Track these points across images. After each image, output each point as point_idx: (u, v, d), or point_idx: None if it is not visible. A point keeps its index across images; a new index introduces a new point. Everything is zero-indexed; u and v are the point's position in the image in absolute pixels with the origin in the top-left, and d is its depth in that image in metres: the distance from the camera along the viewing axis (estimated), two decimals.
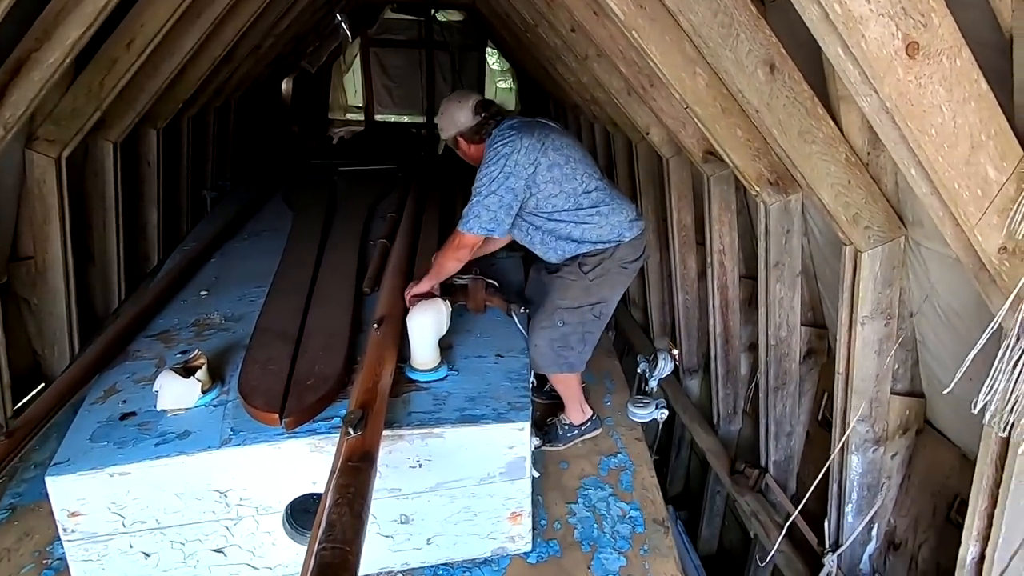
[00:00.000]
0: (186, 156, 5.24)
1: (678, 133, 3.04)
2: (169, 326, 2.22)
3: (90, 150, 3.91)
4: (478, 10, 6.66)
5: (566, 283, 2.19)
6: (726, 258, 3.39)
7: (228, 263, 2.83)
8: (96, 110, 3.28)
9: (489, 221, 2.04)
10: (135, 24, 3.09)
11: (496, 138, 2.11)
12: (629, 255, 2.24)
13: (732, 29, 1.64)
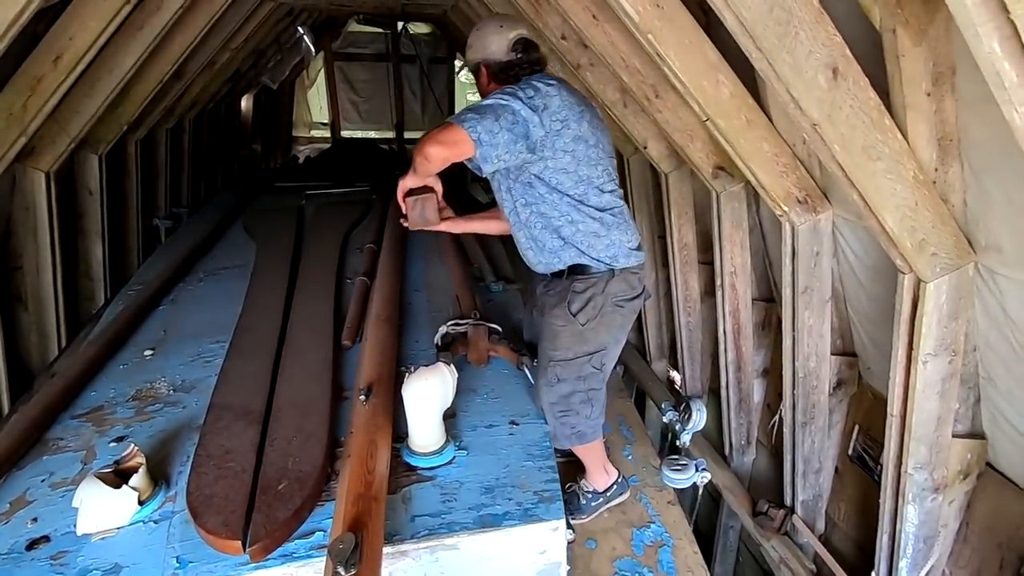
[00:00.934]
0: (135, 183, 4.76)
1: (686, 147, 2.77)
2: (103, 399, 1.81)
3: (18, 181, 3.43)
4: (449, 21, 6.36)
5: (554, 330, 1.79)
6: (738, 280, 3.13)
7: (179, 312, 2.41)
8: (20, 135, 2.84)
9: (486, 131, 1.57)
10: (62, 37, 2.67)
11: (534, 77, 1.73)
12: (624, 291, 1.83)
13: (790, 27, 1.36)
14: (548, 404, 1.79)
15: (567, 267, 1.78)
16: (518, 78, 1.74)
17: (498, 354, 1.97)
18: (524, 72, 1.76)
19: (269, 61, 7.02)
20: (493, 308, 2.45)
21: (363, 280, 2.46)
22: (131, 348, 2.14)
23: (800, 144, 2.21)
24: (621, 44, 2.54)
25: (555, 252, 1.79)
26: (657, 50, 1.96)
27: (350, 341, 2.02)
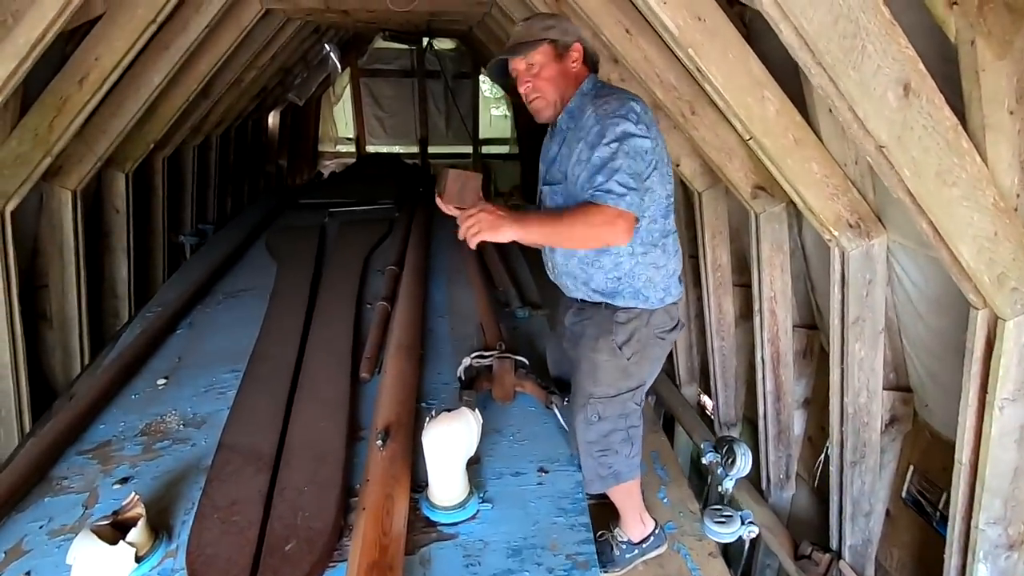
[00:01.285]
0: (161, 200, 4.78)
1: (723, 166, 2.62)
2: (112, 434, 1.73)
3: (45, 200, 3.45)
4: (474, 37, 6.33)
5: (595, 363, 1.63)
6: (777, 305, 2.95)
7: (196, 337, 2.34)
8: (46, 155, 2.83)
9: (642, 200, 1.46)
10: (88, 58, 2.66)
11: (601, 88, 1.58)
12: (666, 322, 1.69)
13: (857, 40, 1.21)
14: (586, 444, 1.65)
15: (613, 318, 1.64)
16: (595, 70, 1.65)
17: (525, 390, 1.84)
18: (594, 67, 1.67)
19: (296, 78, 7.08)
20: (519, 336, 2.32)
21: (383, 305, 2.36)
22: (145, 375, 2.07)
23: (852, 164, 2.05)
24: (656, 59, 2.42)
25: (607, 293, 1.63)
26: (698, 65, 1.83)
27: (368, 374, 1.91)
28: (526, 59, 1.56)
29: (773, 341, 3.02)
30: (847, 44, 1.21)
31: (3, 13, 2.02)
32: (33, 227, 3.53)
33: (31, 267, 3.62)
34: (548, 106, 1.61)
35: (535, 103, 1.61)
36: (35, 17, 2.02)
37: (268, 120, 7.67)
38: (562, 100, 1.60)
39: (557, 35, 1.58)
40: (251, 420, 1.62)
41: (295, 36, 5.13)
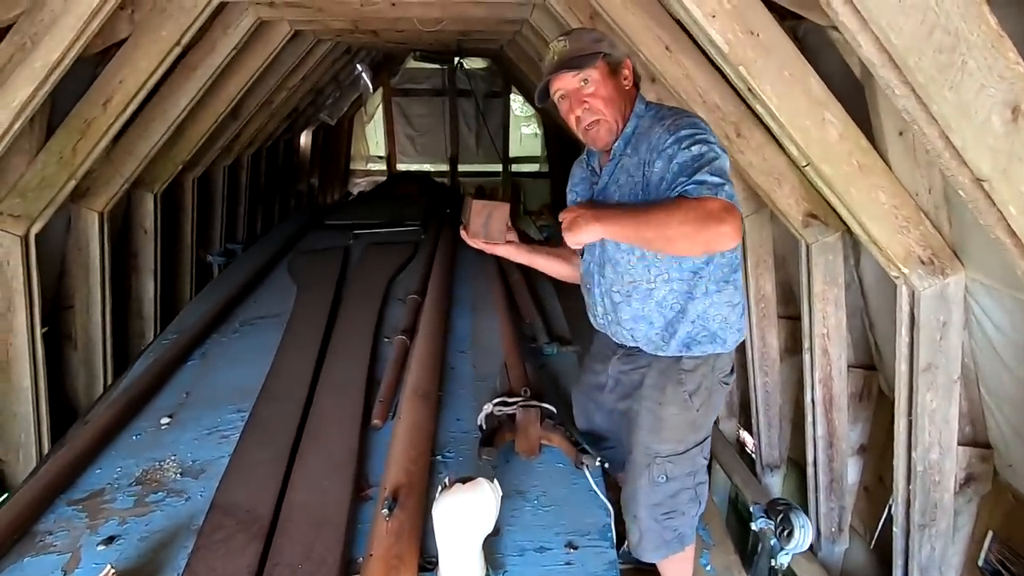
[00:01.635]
0: (190, 220, 4.79)
1: (771, 192, 2.41)
2: (106, 481, 1.61)
3: (73, 221, 3.45)
4: (504, 56, 6.26)
5: (661, 418, 1.44)
6: (830, 343, 2.69)
7: (207, 369, 2.24)
8: (70, 178, 2.81)
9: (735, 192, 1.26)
10: (112, 81, 2.63)
11: (657, 107, 1.43)
12: (727, 364, 1.51)
13: (956, 55, 1.02)
14: (649, 507, 1.46)
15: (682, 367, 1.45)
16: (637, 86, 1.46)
17: (552, 443, 1.65)
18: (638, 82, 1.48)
19: (328, 98, 7.12)
20: (546, 376, 2.14)
21: (402, 340, 2.22)
22: (150, 413, 1.96)
23: (924, 193, 1.82)
24: (698, 78, 2.24)
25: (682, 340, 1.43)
26: (749, 84, 1.65)
27: (381, 420, 1.76)
28: (582, 73, 1.35)
29: (825, 382, 2.75)
30: (943, 60, 1.01)
31: (22, 37, 1.98)
32: (61, 248, 3.53)
33: (58, 288, 3.63)
34: (609, 130, 1.40)
35: (594, 129, 1.40)
36: (53, 41, 1.98)
37: (300, 139, 7.74)
38: (621, 122, 1.41)
39: (608, 48, 1.38)
40: (249, 475, 1.48)
41: (326, 57, 5.13)
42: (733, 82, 1.79)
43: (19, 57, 2.00)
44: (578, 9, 2.69)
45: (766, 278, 3.23)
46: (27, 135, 2.69)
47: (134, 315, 4.28)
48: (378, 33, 4.32)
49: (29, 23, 1.95)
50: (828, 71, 1.74)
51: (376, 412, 1.77)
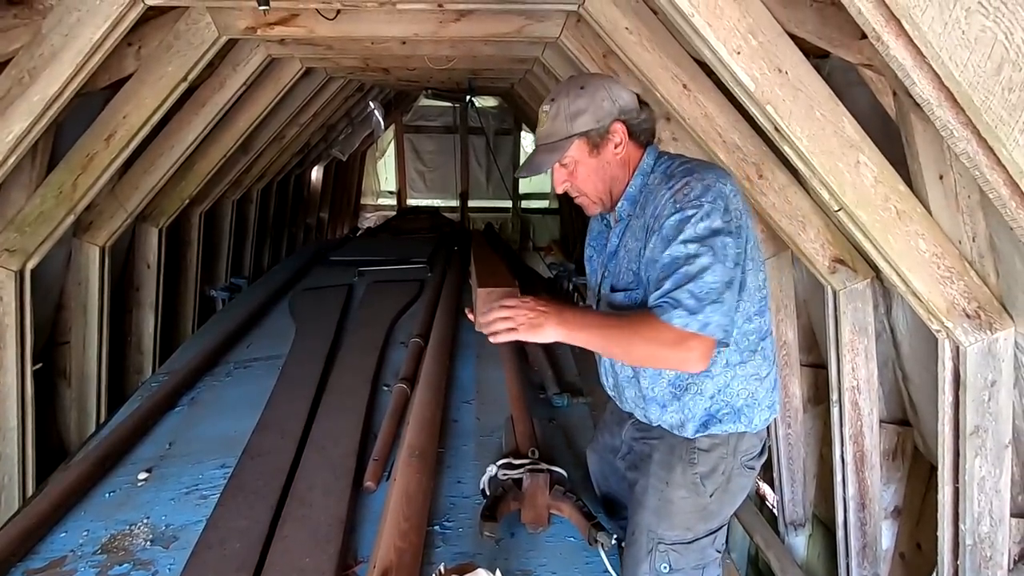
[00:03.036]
0: (196, 254, 4.74)
1: (795, 236, 2.29)
2: (70, 547, 1.46)
3: (73, 255, 3.38)
4: (515, 94, 6.29)
5: (668, 500, 1.29)
6: (861, 397, 2.51)
7: (194, 418, 2.11)
8: (69, 213, 2.74)
9: (729, 317, 1.14)
10: (116, 116, 2.59)
11: (669, 162, 1.26)
12: (755, 446, 1.33)
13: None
14: None
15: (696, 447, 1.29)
16: (649, 141, 1.30)
17: (562, 513, 1.48)
18: (646, 137, 1.30)
19: (340, 134, 7.17)
20: (556, 431, 1.98)
21: (402, 388, 2.07)
22: (129, 465, 1.82)
23: (968, 241, 1.68)
24: (717, 117, 2.15)
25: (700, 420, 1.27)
26: (776, 124, 1.54)
27: (374, 482, 1.60)
28: (557, 157, 1.26)
29: (856, 438, 2.57)
30: (1014, 99, 0.89)
31: (20, 71, 1.94)
32: (59, 282, 3.46)
33: (54, 323, 3.55)
34: (595, 203, 1.32)
35: (579, 201, 1.33)
36: (51, 75, 1.93)
37: (311, 174, 7.77)
38: (612, 192, 1.31)
39: (589, 123, 1.24)
40: (221, 551, 1.32)
41: (338, 93, 5.15)
42: (757, 121, 1.69)
43: (16, 91, 1.94)
44: (591, 48, 2.64)
45: (788, 324, 3.07)
46: (27, 169, 2.64)
47: (133, 350, 4.18)
48: (389, 71, 4.33)
49: (28, 57, 1.90)
50: (855, 111, 1.64)
51: (369, 473, 1.62)
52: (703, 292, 1.11)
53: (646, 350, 1.16)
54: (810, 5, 1.53)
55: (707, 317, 1.11)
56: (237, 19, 2.48)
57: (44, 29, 1.90)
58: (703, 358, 1.14)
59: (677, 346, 1.12)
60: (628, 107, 1.26)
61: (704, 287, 1.12)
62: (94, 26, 1.90)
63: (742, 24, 1.44)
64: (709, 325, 1.11)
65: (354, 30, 2.64)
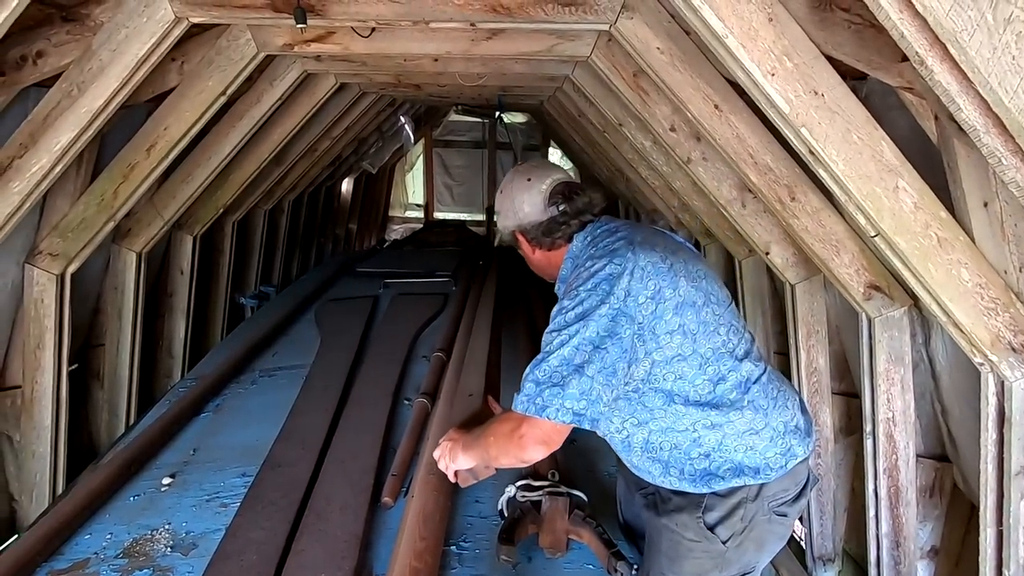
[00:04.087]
0: (228, 262, 4.85)
1: (828, 260, 2.22)
2: (94, 549, 1.48)
3: (111, 261, 3.50)
4: (544, 111, 6.32)
5: (678, 543, 1.25)
6: (896, 429, 2.42)
7: (219, 424, 2.14)
8: (108, 220, 2.84)
9: (577, 400, 1.12)
10: (157, 128, 2.68)
11: (591, 247, 1.29)
12: (786, 489, 1.26)
13: None
14: None
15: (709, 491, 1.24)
16: (568, 237, 1.34)
17: (581, 539, 1.45)
18: (573, 228, 1.33)
19: (371, 147, 7.30)
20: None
21: (423, 403, 2.07)
22: (153, 470, 1.85)
23: (1014, 271, 1.61)
24: (749, 138, 2.11)
25: (694, 480, 1.23)
26: (811, 147, 1.51)
27: (392, 498, 1.60)
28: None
29: (890, 472, 2.46)
30: None
31: (70, 84, 2.02)
32: (97, 286, 3.57)
33: (90, 325, 3.66)
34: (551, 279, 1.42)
35: None
36: (98, 89, 2.01)
37: (342, 186, 7.92)
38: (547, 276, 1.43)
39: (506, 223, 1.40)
40: (238, 563, 1.33)
41: (370, 108, 5.25)
42: (791, 143, 1.65)
43: (66, 103, 2.03)
44: (621, 67, 2.64)
45: (818, 350, 2.98)
46: (72, 178, 2.74)
47: (164, 353, 4.28)
48: (420, 87, 4.40)
49: (78, 71, 1.98)
50: (894, 135, 1.59)
51: (387, 489, 1.61)
52: (544, 376, 1.14)
53: (497, 448, 1.24)
54: (848, 27, 1.51)
55: (545, 401, 1.13)
56: (275, 36, 2.55)
57: (94, 45, 1.98)
58: (541, 442, 1.17)
59: (512, 435, 1.18)
60: (527, 221, 1.34)
61: (547, 370, 1.14)
62: (140, 42, 1.97)
63: (777, 46, 1.42)
64: (548, 408, 1.13)
65: (388, 47, 2.69)
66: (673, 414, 1.21)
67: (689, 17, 1.52)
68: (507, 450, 1.21)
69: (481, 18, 2.00)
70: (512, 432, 1.18)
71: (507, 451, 1.22)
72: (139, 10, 1.94)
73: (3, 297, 2.80)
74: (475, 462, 1.32)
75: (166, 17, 1.94)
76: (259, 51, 2.56)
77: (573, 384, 1.12)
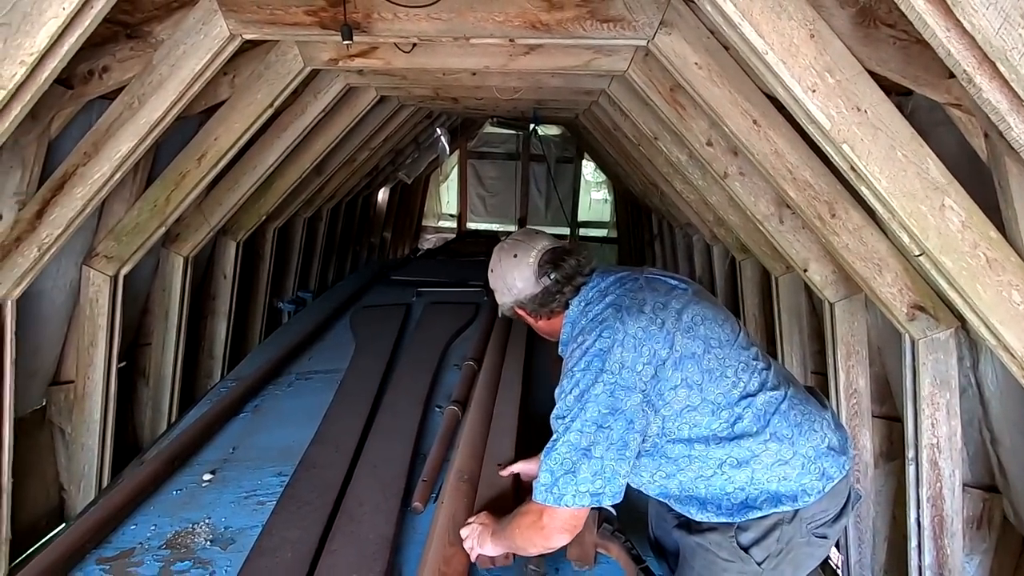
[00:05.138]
0: (268, 267, 5.01)
1: (870, 279, 2.17)
2: (139, 539, 1.55)
3: (161, 264, 3.66)
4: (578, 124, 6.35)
5: (711, 563, 1.24)
6: (941, 456, 2.32)
7: (256, 425, 2.21)
8: (160, 225, 2.98)
9: (591, 482, 1.15)
10: (208, 138, 2.81)
11: (583, 315, 1.29)
12: (825, 510, 1.24)
13: None
14: None
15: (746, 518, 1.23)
16: (566, 304, 1.34)
17: (609, 554, 1.44)
18: (568, 295, 1.34)
19: (407, 158, 7.45)
20: None
21: (453, 411, 2.10)
22: (195, 466, 1.92)
23: None
24: (788, 153, 2.09)
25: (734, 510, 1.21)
26: (853, 163, 1.49)
27: (422, 503, 1.62)
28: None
29: (935, 501, 2.37)
30: None
31: (132, 97, 2.14)
32: (146, 288, 3.74)
33: (139, 325, 3.83)
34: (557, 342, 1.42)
35: None
36: (157, 101, 2.12)
37: (378, 196, 8.09)
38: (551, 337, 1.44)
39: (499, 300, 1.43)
40: (274, 560, 1.37)
41: (408, 120, 5.38)
42: (832, 159, 1.63)
43: (127, 115, 2.15)
44: (658, 82, 2.64)
45: (858, 371, 2.90)
46: (129, 184, 2.90)
47: (205, 354, 4.44)
48: (458, 100, 4.49)
49: (139, 84, 2.10)
50: (941, 152, 1.55)
51: (417, 494, 1.64)
52: (557, 464, 1.17)
53: (523, 539, 1.27)
54: (893, 43, 1.48)
55: (561, 490, 1.16)
56: (321, 51, 2.65)
57: (155, 60, 2.11)
58: (563, 530, 1.20)
59: (535, 526, 1.22)
60: (523, 296, 1.36)
61: (558, 459, 1.17)
62: (197, 58, 2.08)
63: (818, 62, 1.41)
64: (564, 496, 1.16)
65: (428, 62, 2.76)
66: (698, 459, 1.21)
67: (728, 33, 1.52)
68: (532, 541, 1.26)
69: (520, 34, 2.05)
70: (534, 524, 1.22)
71: (533, 542, 1.26)
72: (197, 28, 2.05)
73: (62, 296, 2.96)
74: (501, 551, 1.36)
75: (221, 34, 2.04)
76: (305, 65, 2.66)
77: (584, 468, 1.15)
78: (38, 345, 2.91)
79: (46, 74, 1.57)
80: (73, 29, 1.50)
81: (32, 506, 3.16)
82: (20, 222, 2.24)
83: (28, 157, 2.21)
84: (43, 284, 2.71)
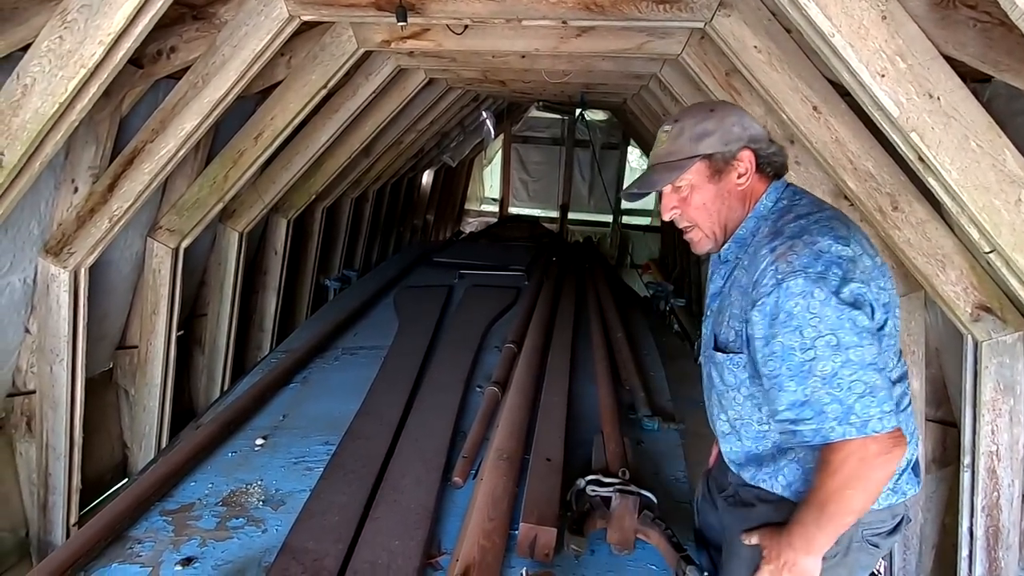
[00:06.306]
0: (316, 245, 5.16)
1: (932, 276, 2.07)
2: (198, 495, 1.65)
3: (217, 239, 3.82)
4: (627, 109, 6.23)
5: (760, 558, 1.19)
6: (1000, 464, 2.22)
7: (305, 395, 2.30)
8: (219, 201, 3.11)
9: (885, 398, 1.00)
10: (265, 118, 2.90)
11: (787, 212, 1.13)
12: (883, 520, 1.18)
13: None
14: None
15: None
16: (777, 175, 1.19)
17: (648, 540, 1.44)
18: (781, 160, 1.18)
19: (452, 141, 7.49)
20: (643, 454, 1.94)
21: (493, 391, 2.13)
22: (248, 431, 2.03)
23: None
24: (850, 142, 2.00)
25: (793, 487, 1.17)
26: (921, 153, 1.42)
27: (462, 479, 1.66)
28: (673, 179, 1.18)
29: (990, 511, 2.26)
30: None
31: (196, 76, 2.23)
32: (203, 261, 3.92)
33: (196, 297, 4.02)
34: (706, 239, 1.22)
35: (689, 235, 1.24)
36: (220, 81, 2.20)
37: (422, 178, 8.18)
38: (725, 229, 1.20)
39: (716, 145, 1.14)
40: (323, 521, 1.44)
41: (455, 103, 5.40)
42: (898, 149, 1.56)
43: (191, 94, 2.24)
44: (713, 66, 2.57)
45: (914, 372, 2.77)
46: (191, 161, 3.03)
47: (256, 327, 4.63)
48: (505, 83, 4.47)
49: (203, 65, 2.19)
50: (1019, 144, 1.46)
51: (458, 469, 1.68)
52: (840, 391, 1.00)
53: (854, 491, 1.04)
54: (973, 26, 1.40)
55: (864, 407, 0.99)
56: (375, 33, 2.69)
57: (218, 41, 2.18)
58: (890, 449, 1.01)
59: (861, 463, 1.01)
60: (759, 136, 1.16)
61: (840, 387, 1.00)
62: (258, 38, 2.15)
63: (889, 46, 1.34)
64: (870, 421, 0.99)
65: (478, 44, 2.76)
66: None
67: (792, 15, 1.46)
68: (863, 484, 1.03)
69: (574, 16, 2.02)
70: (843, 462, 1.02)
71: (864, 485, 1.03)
72: (258, 9, 2.11)
73: (128, 267, 3.14)
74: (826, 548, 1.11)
75: (281, 15, 2.10)
76: (359, 47, 2.71)
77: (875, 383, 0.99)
78: (106, 311, 3.10)
79: (121, 54, 1.65)
80: (146, 11, 1.57)
81: (98, 461, 3.40)
82: (94, 194, 2.38)
83: (101, 133, 2.34)
84: (112, 255, 2.88)
